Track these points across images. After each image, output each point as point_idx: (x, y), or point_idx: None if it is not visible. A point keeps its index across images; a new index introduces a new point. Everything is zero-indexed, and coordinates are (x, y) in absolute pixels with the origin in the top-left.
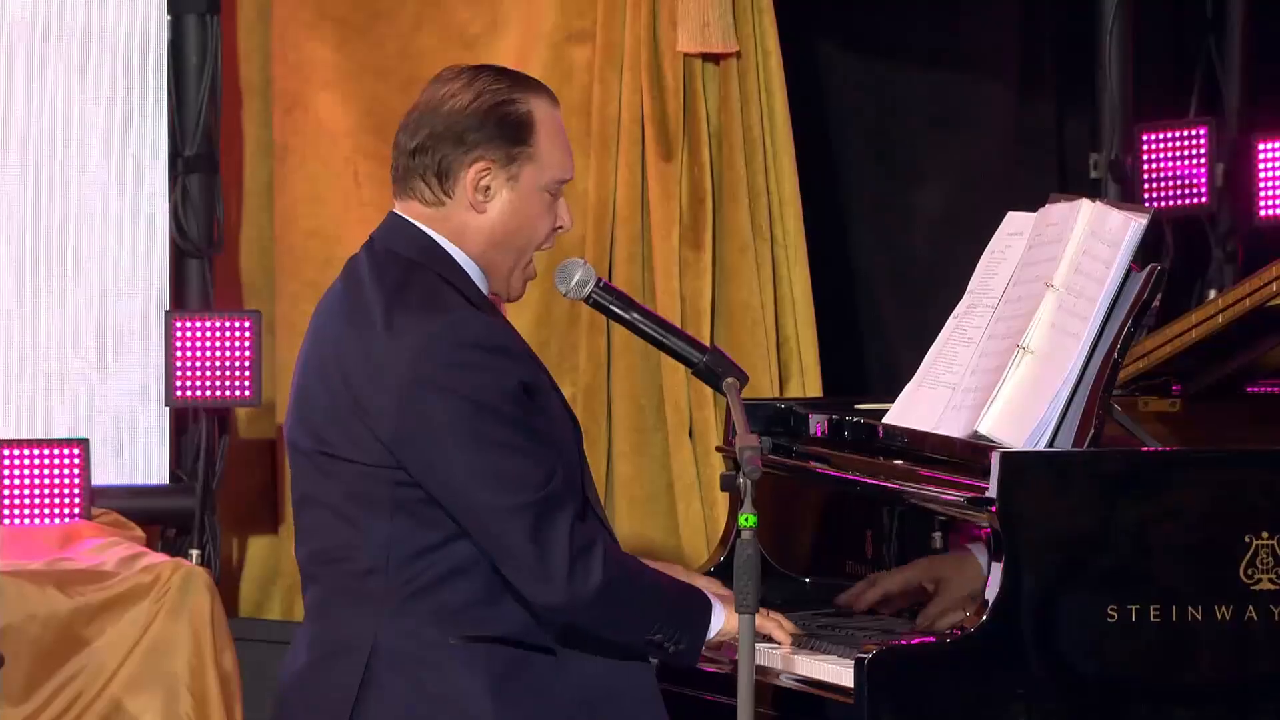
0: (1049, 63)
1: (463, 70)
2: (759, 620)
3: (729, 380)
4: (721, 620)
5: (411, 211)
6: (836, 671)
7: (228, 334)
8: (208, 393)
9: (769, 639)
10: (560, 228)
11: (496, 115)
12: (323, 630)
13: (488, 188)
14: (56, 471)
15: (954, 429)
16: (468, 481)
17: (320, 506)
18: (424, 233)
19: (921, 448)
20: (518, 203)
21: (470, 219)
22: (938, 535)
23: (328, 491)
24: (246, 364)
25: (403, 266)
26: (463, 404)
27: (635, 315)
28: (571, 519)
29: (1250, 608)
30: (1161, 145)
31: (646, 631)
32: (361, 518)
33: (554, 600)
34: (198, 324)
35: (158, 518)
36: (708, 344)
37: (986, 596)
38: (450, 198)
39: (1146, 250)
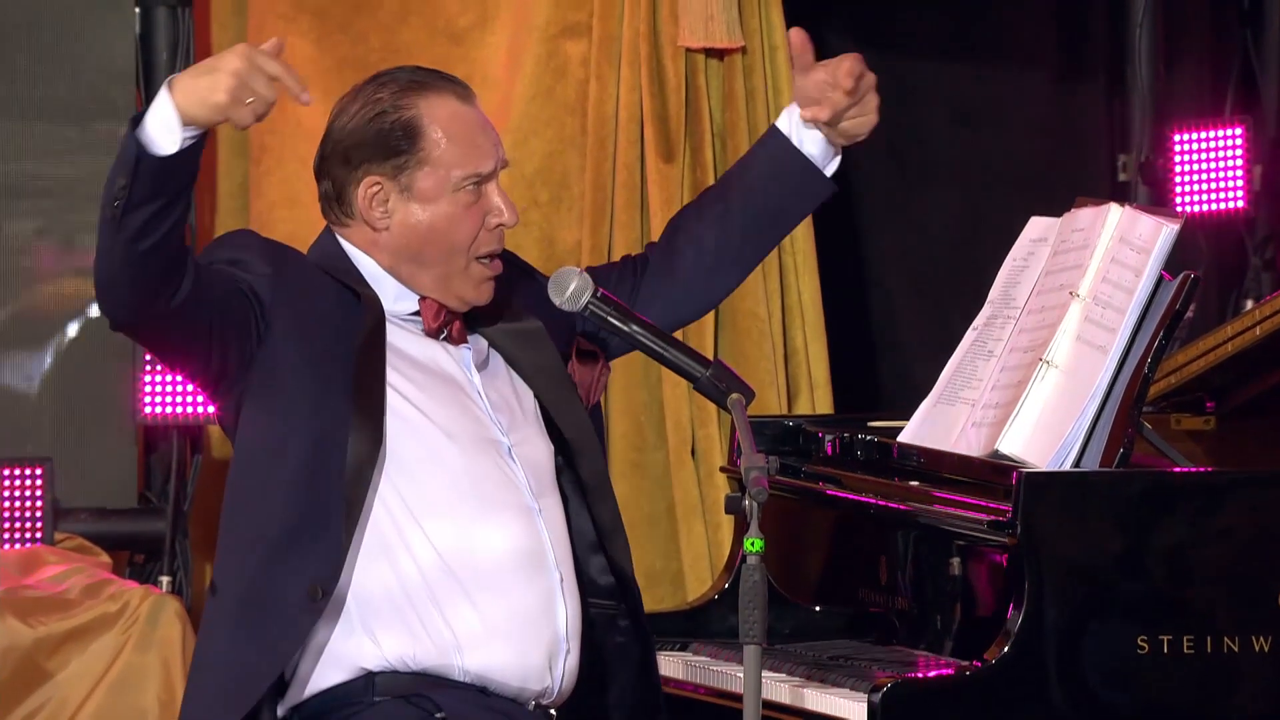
0: (1078, 57)
1: (363, 82)
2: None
3: (734, 396)
4: (166, 96)
5: (333, 226)
6: (847, 706)
7: None
8: (178, 409)
9: None
10: (501, 224)
11: (375, 128)
12: None
13: (385, 203)
14: (17, 493)
15: (973, 448)
16: None
17: None
18: (336, 242)
19: (939, 468)
20: (422, 212)
21: (378, 237)
22: (956, 561)
23: None
24: None
25: None
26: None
27: (634, 327)
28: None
29: None
30: (1195, 146)
31: (109, 208)
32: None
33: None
34: None
35: (125, 542)
36: (711, 357)
37: (1008, 626)
38: (352, 218)
39: (1178, 258)
